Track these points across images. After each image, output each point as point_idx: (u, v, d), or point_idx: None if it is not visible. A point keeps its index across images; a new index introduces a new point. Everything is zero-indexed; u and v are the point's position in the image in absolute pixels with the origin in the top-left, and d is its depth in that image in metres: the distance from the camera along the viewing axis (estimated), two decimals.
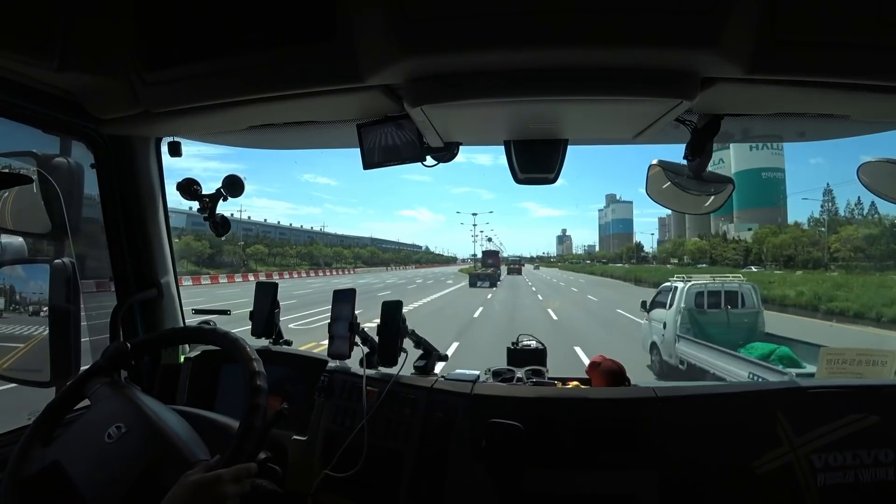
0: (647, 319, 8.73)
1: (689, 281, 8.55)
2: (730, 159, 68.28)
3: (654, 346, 8.26)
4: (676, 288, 8.31)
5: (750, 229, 56.42)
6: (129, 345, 1.04)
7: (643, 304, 9.06)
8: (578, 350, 8.61)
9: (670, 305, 8.14)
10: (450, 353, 1.64)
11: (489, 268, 32.22)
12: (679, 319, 7.81)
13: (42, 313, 1.21)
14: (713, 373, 6.47)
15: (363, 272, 56.45)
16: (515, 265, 48.91)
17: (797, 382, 1.29)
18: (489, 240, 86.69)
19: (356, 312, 1.48)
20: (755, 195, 67.30)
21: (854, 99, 1.01)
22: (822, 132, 1.42)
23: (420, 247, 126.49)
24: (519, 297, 21.54)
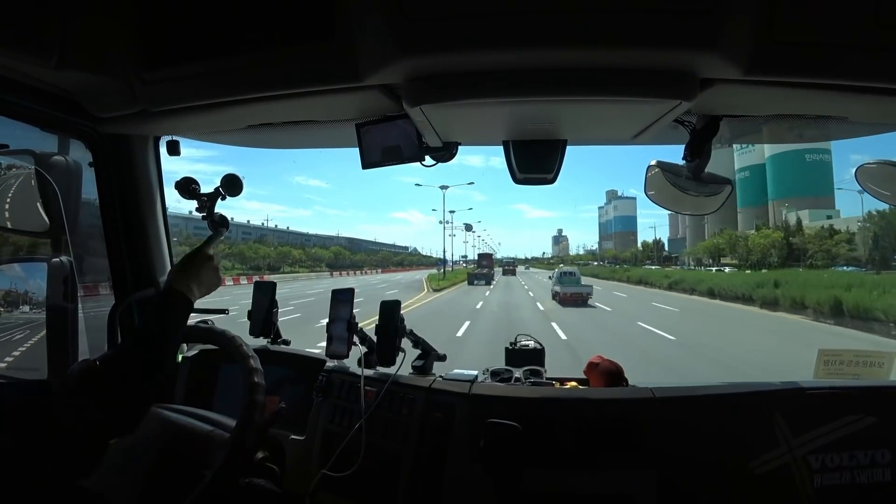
0: (550, 281, 23.66)
1: (559, 268, 27.48)
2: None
3: (551, 289, 21.35)
4: (556, 271, 24.71)
5: (829, 217, 46.99)
6: (98, 362, 1.01)
7: (549, 276, 26.44)
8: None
9: (553, 276, 23.60)
10: None
11: (484, 268, 38.18)
12: (555, 279, 21.64)
13: (17, 311, 1.19)
14: (558, 290, 19.83)
15: (289, 279, 39.20)
16: (509, 266, 53.83)
17: (796, 383, 1.29)
18: (469, 228, 72.93)
19: None
20: (799, 182, 56.31)
21: (852, 100, 1.01)
22: (820, 133, 1.42)
23: (405, 248, 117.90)
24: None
